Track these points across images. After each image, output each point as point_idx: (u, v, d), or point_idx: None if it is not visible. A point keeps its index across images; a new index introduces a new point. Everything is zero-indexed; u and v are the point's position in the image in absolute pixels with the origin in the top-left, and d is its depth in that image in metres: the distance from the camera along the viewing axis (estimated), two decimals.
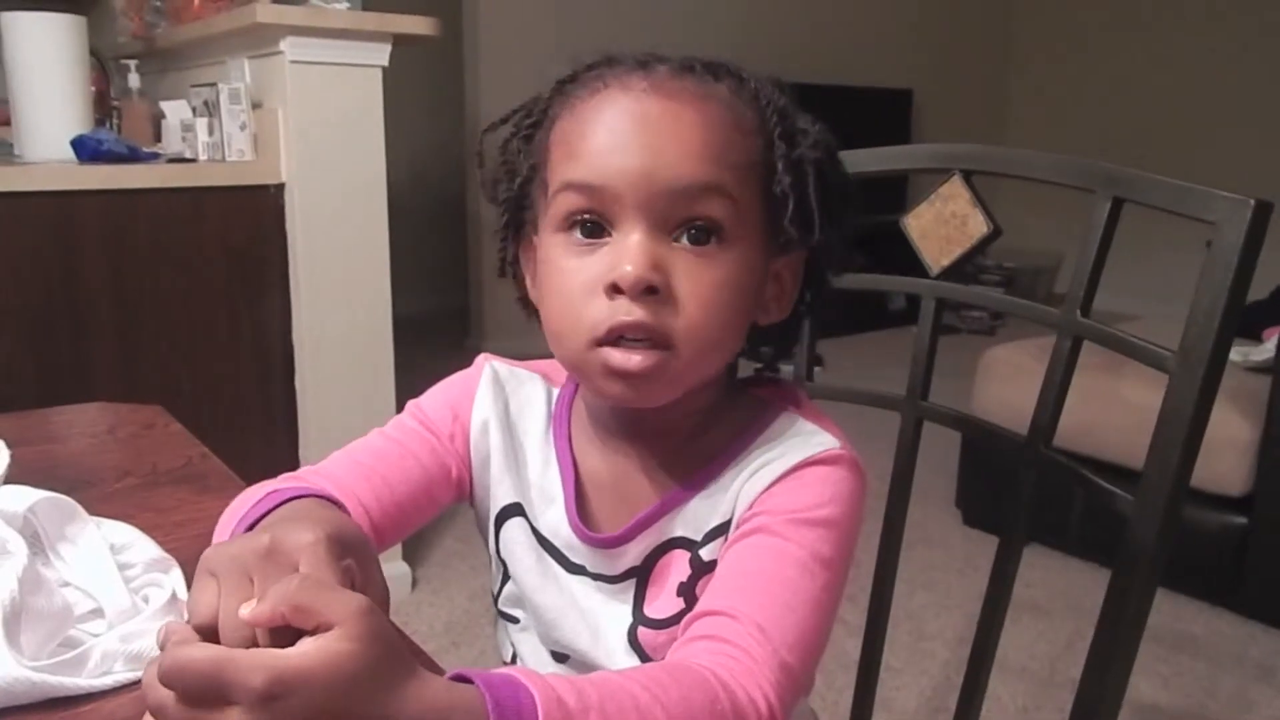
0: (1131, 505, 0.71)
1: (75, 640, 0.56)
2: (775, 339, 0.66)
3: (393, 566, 2.15)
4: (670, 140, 0.55)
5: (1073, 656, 1.93)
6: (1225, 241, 0.65)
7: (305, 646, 0.37)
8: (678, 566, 0.62)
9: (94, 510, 0.68)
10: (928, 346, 0.88)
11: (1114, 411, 2.13)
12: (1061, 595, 2.22)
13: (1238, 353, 2.31)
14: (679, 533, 0.62)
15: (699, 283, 0.55)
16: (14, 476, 0.74)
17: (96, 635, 0.55)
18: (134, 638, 0.55)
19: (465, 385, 0.69)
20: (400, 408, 0.69)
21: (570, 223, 0.57)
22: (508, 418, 0.67)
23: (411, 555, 2.22)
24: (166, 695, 0.37)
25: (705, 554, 0.60)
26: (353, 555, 0.44)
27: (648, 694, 0.45)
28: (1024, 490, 0.80)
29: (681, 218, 0.55)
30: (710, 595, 0.55)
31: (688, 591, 0.61)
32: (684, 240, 0.56)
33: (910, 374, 0.89)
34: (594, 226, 0.56)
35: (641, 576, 0.63)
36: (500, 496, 0.67)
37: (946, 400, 0.88)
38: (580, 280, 0.56)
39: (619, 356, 0.55)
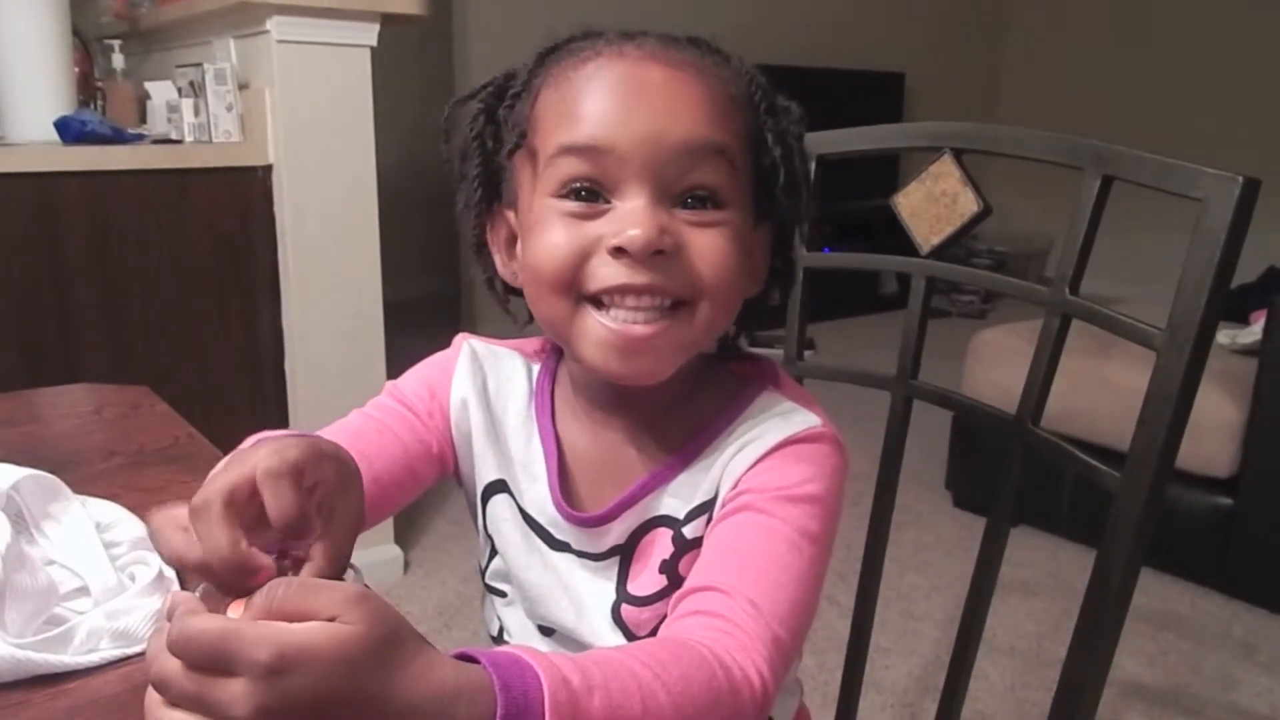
0: (1118, 482, 0.71)
1: (60, 618, 0.55)
2: (748, 316, 0.66)
3: (384, 550, 2.15)
4: (677, 102, 0.55)
5: (1060, 636, 1.95)
6: (1213, 218, 0.65)
7: (313, 624, 0.37)
8: (661, 544, 0.62)
9: (80, 490, 0.67)
10: (918, 325, 0.88)
11: (1101, 395, 2.14)
12: (1050, 576, 2.23)
13: (1225, 335, 2.32)
14: (662, 511, 0.62)
15: (706, 246, 0.55)
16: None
17: (82, 613, 0.55)
18: (120, 615, 0.54)
19: (443, 364, 0.69)
20: None
21: (567, 189, 0.56)
22: (486, 395, 0.67)
23: (403, 538, 2.22)
24: (172, 665, 0.37)
25: (688, 532, 0.61)
26: (323, 478, 0.44)
27: (649, 672, 0.45)
28: (1012, 468, 0.80)
29: (685, 184, 0.55)
30: (701, 571, 0.55)
31: (670, 569, 0.61)
32: (684, 208, 0.55)
33: (900, 353, 0.89)
34: (591, 194, 0.56)
35: (625, 554, 0.63)
36: (485, 473, 0.67)
37: (937, 383, 0.88)
38: (578, 244, 0.55)
39: (634, 328, 0.54)
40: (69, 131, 1.76)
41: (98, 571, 0.58)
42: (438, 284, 4.78)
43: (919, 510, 2.56)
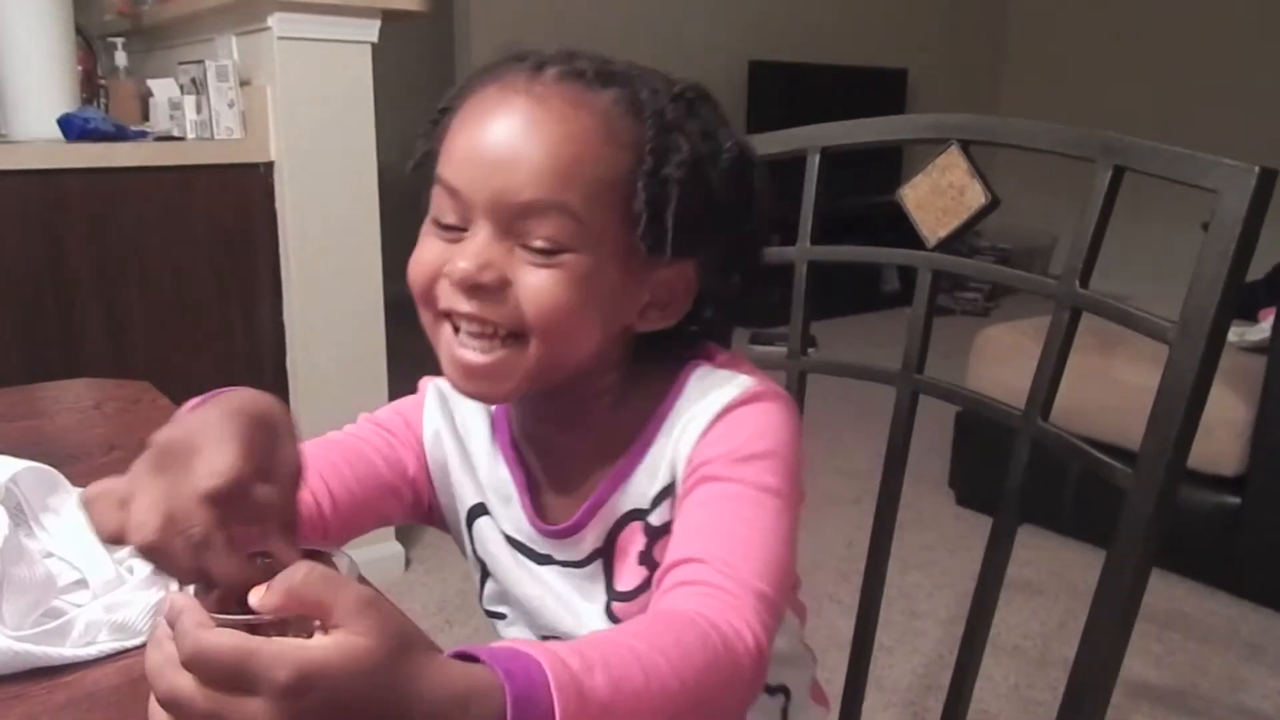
0: (1129, 478, 0.70)
1: (58, 611, 0.55)
2: (680, 340, 0.66)
3: (386, 546, 2.14)
4: (522, 151, 0.56)
5: (1065, 636, 1.94)
6: (1228, 210, 0.64)
7: (325, 640, 0.37)
8: (635, 537, 0.64)
9: (81, 484, 0.67)
10: (923, 319, 0.87)
11: (1106, 392, 2.13)
12: (1055, 575, 2.22)
13: (1234, 333, 2.31)
14: (629, 506, 0.64)
15: (535, 286, 0.56)
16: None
17: (80, 606, 0.55)
18: (119, 608, 0.54)
19: (413, 401, 0.71)
20: (393, 389, 0.72)
21: (437, 214, 0.59)
22: (455, 428, 0.70)
23: (404, 535, 2.22)
24: (183, 682, 0.36)
25: (654, 519, 0.63)
26: (261, 431, 0.46)
27: (643, 643, 0.46)
28: (1018, 464, 0.80)
29: (523, 229, 0.57)
30: (675, 547, 0.57)
31: (648, 559, 0.63)
32: (525, 248, 0.57)
33: (905, 347, 0.88)
34: (454, 225, 0.58)
35: (606, 556, 0.65)
36: (466, 498, 0.70)
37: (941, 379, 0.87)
38: (435, 263, 0.58)
39: (469, 354, 0.57)
40: (72, 129, 1.76)
41: (96, 564, 0.58)
42: None
43: (921, 509, 2.56)
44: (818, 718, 0.78)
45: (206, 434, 0.44)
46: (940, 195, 0.85)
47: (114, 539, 0.44)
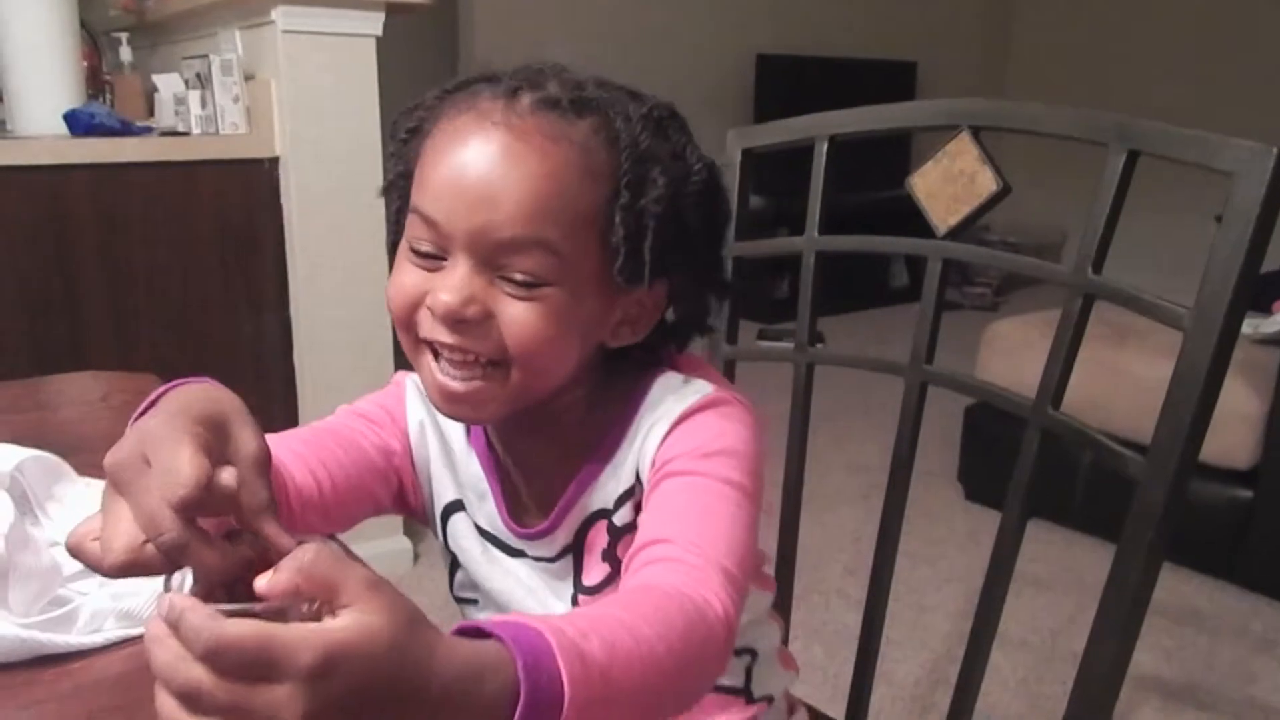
0: (1141, 467, 0.70)
1: (64, 599, 0.55)
2: (643, 348, 0.67)
3: (394, 541, 2.15)
4: (503, 188, 0.56)
5: (1074, 630, 1.93)
6: (1245, 192, 0.63)
7: (343, 620, 0.37)
8: (600, 536, 0.66)
9: (86, 475, 0.66)
10: (933, 309, 0.86)
11: (1117, 385, 2.12)
12: (1064, 570, 2.21)
13: (1248, 325, 2.29)
14: (596, 506, 0.66)
15: (516, 318, 0.58)
16: (4, 442, 0.73)
17: (86, 594, 0.54)
18: (125, 596, 0.54)
19: (394, 393, 0.72)
20: None
21: (414, 242, 0.60)
22: (437, 422, 0.71)
23: (412, 531, 2.22)
24: (198, 675, 0.35)
25: (617, 519, 0.65)
26: (209, 424, 0.46)
27: (626, 612, 0.47)
28: (1028, 455, 0.79)
29: (502, 264, 0.57)
30: (643, 532, 0.58)
31: (610, 556, 0.66)
32: (504, 280, 0.58)
33: (914, 338, 0.87)
34: (431, 253, 0.59)
35: (576, 551, 0.67)
36: (443, 494, 0.71)
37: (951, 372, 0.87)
38: (416, 291, 0.59)
39: (450, 382, 0.59)
40: (77, 124, 1.76)
41: None
42: None
43: (931, 503, 2.55)
44: (786, 680, 0.79)
45: (157, 443, 0.44)
46: (951, 182, 0.84)
47: (110, 573, 0.44)
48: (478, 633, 0.41)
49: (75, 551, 0.45)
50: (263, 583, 0.38)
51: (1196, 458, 0.69)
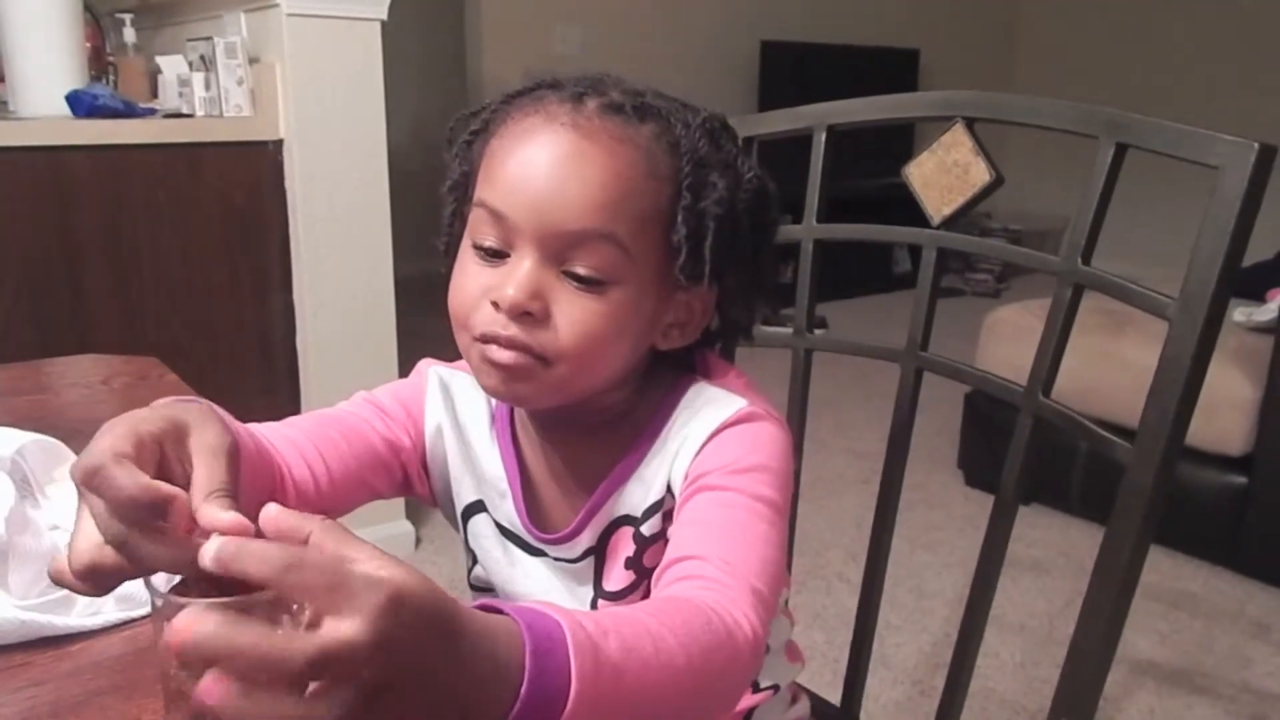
0: (1129, 452, 0.71)
1: None
2: (687, 354, 0.69)
3: (396, 525, 2.16)
4: (573, 183, 0.58)
5: (1071, 614, 1.92)
6: (1228, 186, 0.63)
7: (389, 565, 0.37)
8: (625, 543, 0.66)
9: None
10: (929, 297, 0.87)
11: (1115, 373, 2.12)
12: (1061, 555, 2.23)
13: (1241, 313, 2.30)
14: (622, 511, 0.66)
15: (576, 317, 0.59)
16: (5, 425, 0.74)
17: None
18: None
19: (415, 388, 0.72)
20: (403, 368, 0.72)
21: (477, 238, 0.61)
22: (458, 421, 0.71)
23: (415, 514, 2.23)
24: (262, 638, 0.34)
25: (645, 530, 0.65)
26: (169, 427, 0.48)
27: (653, 620, 0.47)
28: (1021, 439, 0.80)
29: (569, 258, 0.58)
30: (675, 547, 0.59)
31: (635, 564, 0.66)
32: (569, 276, 0.59)
33: (910, 324, 0.88)
34: (496, 250, 0.60)
35: (599, 554, 0.68)
36: (464, 495, 0.71)
37: (951, 360, 0.87)
38: (478, 286, 0.60)
39: (494, 350, 0.59)
40: (80, 105, 1.76)
41: None
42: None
43: (931, 489, 2.56)
44: (792, 672, 0.80)
45: (102, 456, 0.46)
46: (945, 173, 0.85)
47: (79, 574, 0.46)
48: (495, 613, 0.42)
49: (57, 579, 0.46)
50: (216, 535, 0.38)
51: (1182, 443, 0.69)
